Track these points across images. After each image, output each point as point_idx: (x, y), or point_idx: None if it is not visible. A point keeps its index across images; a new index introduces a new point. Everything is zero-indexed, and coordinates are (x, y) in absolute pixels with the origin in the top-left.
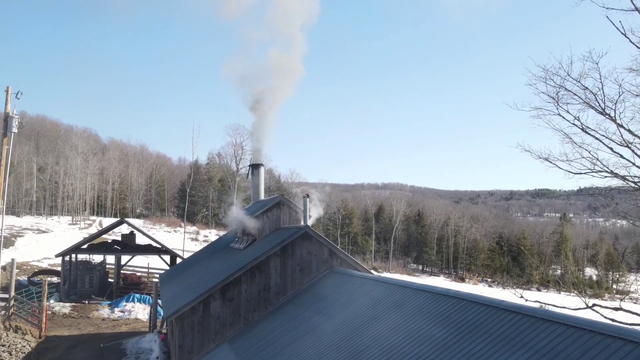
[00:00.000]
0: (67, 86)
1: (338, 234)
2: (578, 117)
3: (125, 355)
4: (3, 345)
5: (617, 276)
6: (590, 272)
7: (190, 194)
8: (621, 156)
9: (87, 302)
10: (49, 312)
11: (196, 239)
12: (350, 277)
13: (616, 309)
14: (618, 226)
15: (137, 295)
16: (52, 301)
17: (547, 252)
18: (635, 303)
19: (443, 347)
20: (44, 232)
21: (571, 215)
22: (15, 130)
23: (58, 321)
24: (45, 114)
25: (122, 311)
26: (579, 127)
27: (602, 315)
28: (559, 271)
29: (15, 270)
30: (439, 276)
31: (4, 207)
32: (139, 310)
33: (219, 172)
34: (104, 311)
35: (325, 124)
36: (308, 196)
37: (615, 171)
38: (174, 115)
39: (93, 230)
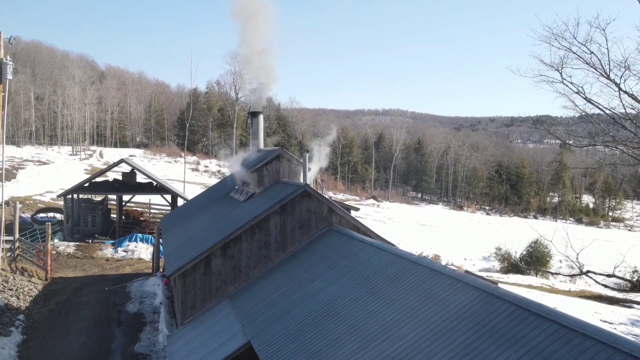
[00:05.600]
0: (60, 8)
1: (338, 162)
2: (582, 86)
3: (130, 299)
4: (11, 289)
5: (614, 204)
6: (587, 199)
7: (190, 124)
8: (623, 127)
9: (90, 241)
10: (54, 252)
11: (197, 169)
12: (349, 240)
13: (609, 275)
14: (617, 154)
15: (140, 235)
16: (56, 240)
17: (546, 180)
18: (629, 228)
19: (440, 332)
20: (44, 163)
21: (571, 142)
22: (10, 76)
23: (63, 262)
24: (40, 39)
25: (125, 251)
26: (582, 96)
27: (596, 281)
28: (557, 199)
29: (19, 206)
30: (437, 204)
31: (4, 139)
32: (141, 250)
33: (219, 101)
34: (108, 251)
35: (326, 47)
36: (308, 152)
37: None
38: (171, 35)
39: (94, 160)
